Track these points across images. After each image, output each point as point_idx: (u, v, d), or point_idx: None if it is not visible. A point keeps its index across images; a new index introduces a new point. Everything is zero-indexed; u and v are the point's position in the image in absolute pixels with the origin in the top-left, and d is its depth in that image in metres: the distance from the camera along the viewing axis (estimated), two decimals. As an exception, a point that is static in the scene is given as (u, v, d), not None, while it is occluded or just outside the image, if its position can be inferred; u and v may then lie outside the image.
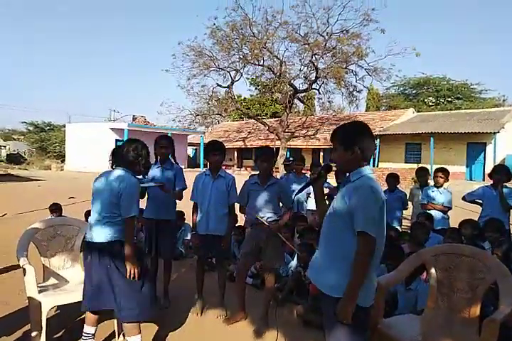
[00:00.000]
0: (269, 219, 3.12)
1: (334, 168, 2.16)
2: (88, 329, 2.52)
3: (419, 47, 36.51)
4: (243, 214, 3.49)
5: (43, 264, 2.96)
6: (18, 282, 3.42)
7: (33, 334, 2.52)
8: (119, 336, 2.82)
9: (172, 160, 3.70)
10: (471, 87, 32.49)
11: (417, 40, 63.06)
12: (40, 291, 2.62)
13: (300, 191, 2.27)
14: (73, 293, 2.69)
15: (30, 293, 2.55)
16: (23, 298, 2.78)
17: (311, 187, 5.69)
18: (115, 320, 2.81)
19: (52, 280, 2.92)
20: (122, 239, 2.41)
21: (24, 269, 2.59)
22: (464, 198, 4.62)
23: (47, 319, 2.59)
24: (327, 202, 6.12)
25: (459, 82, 32.35)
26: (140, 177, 2.69)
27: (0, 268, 4.41)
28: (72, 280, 2.96)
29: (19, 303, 3.28)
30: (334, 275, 1.83)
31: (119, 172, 2.47)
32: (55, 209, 5.45)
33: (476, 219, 4.41)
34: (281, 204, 3.31)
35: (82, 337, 2.52)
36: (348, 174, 1.96)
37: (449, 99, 33.08)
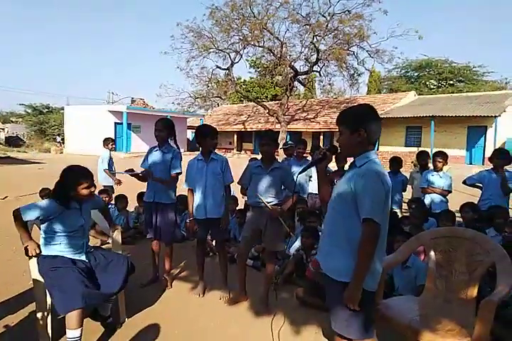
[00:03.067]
0: (270, 203, 3.13)
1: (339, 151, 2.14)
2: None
3: (422, 29, 35.74)
4: (244, 197, 3.51)
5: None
6: (22, 264, 3.47)
7: (39, 314, 2.57)
8: (121, 314, 2.89)
9: (172, 144, 3.68)
10: (474, 69, 32.06)
11: (419, 22, 61.75)
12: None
13: (303, 171, 2.26)
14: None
15: (35, 275, 2.59)
16: (28, 279, 2.82)
17: (312, 169, 5.68)
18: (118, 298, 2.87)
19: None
20: None
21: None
22: (464, 182, 4.63)
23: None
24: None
25: (461, 64, 31.91)
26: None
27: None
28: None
29: (24, 284, 3.35)
30: (339, 260, 1.85)
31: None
32: (45, 195, 5.39)
33: (476, 202, 4.45)
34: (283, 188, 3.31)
35: None
36: (353, 158, 1.94)
37: (451, 82, 32.70)
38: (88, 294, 2.38)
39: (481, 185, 4.53)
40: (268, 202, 3.12)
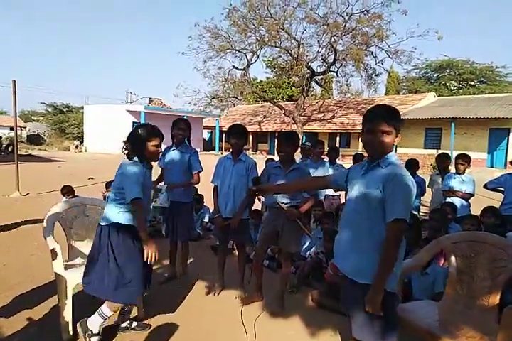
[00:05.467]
0: (287, 205, 3.12)
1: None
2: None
3: (442, 30, 35.03)
4: (261, 197, 3.50)
5: (68, 243, 3.05)
6: (44, 258, 3.57)
7: (61, 308, 2.64)
8: (139, 311, 2.93)
9: (187, 144, 3.71)
10: (496, 70, 31.25)
11: (440, 22, 60.55)
12: (66, 268, 2.72)
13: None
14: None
15: (57, 269, 2.65)
16: (50, 272, 2.89)
17: (330, 170, 5.65)
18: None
19: (77, 258, 3.02)
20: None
21: (51, 247, 2.68)
22: (485, 186, 4.52)
23: (73, 293, 2.70)
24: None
25: (483, 64, 31.14)
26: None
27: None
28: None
29: (46, 278, 3.44)
30: (360, 261, 1.82)
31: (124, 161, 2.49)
32: (67, 192, 5.49)
33: (498, 206, 4.33)
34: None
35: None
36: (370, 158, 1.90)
37: (472, 83, 31.97)
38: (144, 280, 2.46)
39: (502, 189, 4.41)
40: (285, 204, 3.11)
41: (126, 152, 2.49)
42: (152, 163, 2.65)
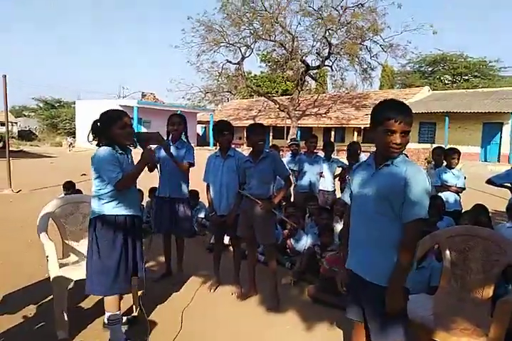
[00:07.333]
0: (262, 196, 3.11)
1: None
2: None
3: (437, 24, 34.94)
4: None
5: (63, 240, 3.03)
6: (37, 256, 3.54)
7: (56, 305, 2.63)
8: (136, 309, 2.93)
9: (184, 139, 3.69)
10: (490, 64, 31.38)
11: (434, 16, 60.56)
12: (60, 266, 2.70)
13: None
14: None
15: (52, 267, 2.64)
16: (44, 271, 2.88)
17: (323, 165, 5.60)
18: (131, 295, 2.91)
19: (71, 256, 3.00)
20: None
21: (45, 245, 2.66)
22: (490, 182, 4.42)
23: (68, 290, 2.69)
24: (339, 182, 6.03)
25: (476, 59, 31.25)
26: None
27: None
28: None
29: (40, 276, 3.42)
30: (382, 263, 1.74)
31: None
32: (69, 186, 5.53)
33: (492, 200, 4.36)
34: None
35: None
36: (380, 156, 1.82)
37: (466, 77, 32.11)
38: (127, 278, 2.43)
39: (510, 185, 4.34)
40: (259, 195, 3.11)
41: (95, 143, 2.46)
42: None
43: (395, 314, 1.71)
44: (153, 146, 2.67)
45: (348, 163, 5.34)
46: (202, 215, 5.55)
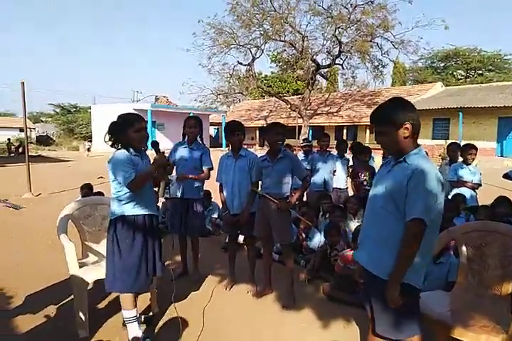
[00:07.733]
0: (279, 196, 3.12)
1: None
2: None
3: (449, 19, 34.33)
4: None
5: (82, 241, 3.11)
6: (59, 257, 3.63)
7: (77, 305, 2.70)
8: (153, 307, 2.98)
9: (199, 141, 3.74)
10: (505, 57, 30.69)
11: (446, 10, 59.54)
12: (80, 266, 2.78)
13: None
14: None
15: (72, 268, 2.71)
16: (65, 271, 2.95)
17: (337, 163, 5.54)
18: (149, 294, 2.97)
19: (90, 256, 3.08)
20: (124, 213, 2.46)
21: (65, 246, 2.73)
22: (507, 176, 4.33)
23: (88, 290, 2.77)
24: (349, 178, 6.04)
25: (490, 53, 30.60)
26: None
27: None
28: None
29: (62, 276, 3.48)
30: (388, 259, 1.76)
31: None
32: (87, 189, 5.63)
33: (509, 195, 4.27)
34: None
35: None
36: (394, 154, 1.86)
37: (480, 72, 31.48)
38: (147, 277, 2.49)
39: None
40: (277, 194, 3.11)
41: (110, 143, 2.52)
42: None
43: (396, 307, 1.73)
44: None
45: (352, 162, 5.48)
46: (215, 215, 5.60)
